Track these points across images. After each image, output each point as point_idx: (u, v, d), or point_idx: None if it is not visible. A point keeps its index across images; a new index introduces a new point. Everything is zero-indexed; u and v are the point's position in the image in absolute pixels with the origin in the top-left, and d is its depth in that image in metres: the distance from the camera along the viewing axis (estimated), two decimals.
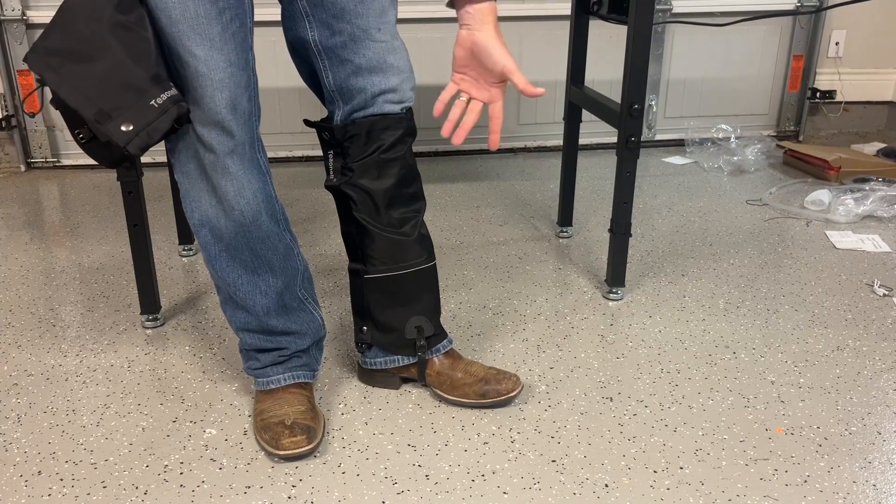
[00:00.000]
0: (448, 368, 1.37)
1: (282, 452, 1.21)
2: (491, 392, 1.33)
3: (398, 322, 1.34)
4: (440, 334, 1.38)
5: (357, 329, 1.39)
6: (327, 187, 1.29)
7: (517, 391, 1.34)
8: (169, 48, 1.07)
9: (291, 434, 1.21)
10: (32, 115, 2.73)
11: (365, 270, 1.32)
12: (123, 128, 1.03)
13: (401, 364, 1.38)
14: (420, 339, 1.35)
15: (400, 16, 2.70)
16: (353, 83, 1.21)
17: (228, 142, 1.11)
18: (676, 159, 2.87)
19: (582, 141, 2.93)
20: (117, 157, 1.16)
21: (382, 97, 1.22)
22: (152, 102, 1.03)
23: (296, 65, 1.28)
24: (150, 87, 1.04)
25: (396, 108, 1.24)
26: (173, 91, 1.05)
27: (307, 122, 1.30)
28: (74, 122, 1.11)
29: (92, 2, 1.04)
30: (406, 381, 1.42)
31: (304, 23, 1.19)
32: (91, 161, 2.77)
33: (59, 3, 1.06)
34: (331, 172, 1.29)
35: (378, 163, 1.25)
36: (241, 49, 1.10)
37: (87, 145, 1.13)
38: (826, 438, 1.27)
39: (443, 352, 1.38)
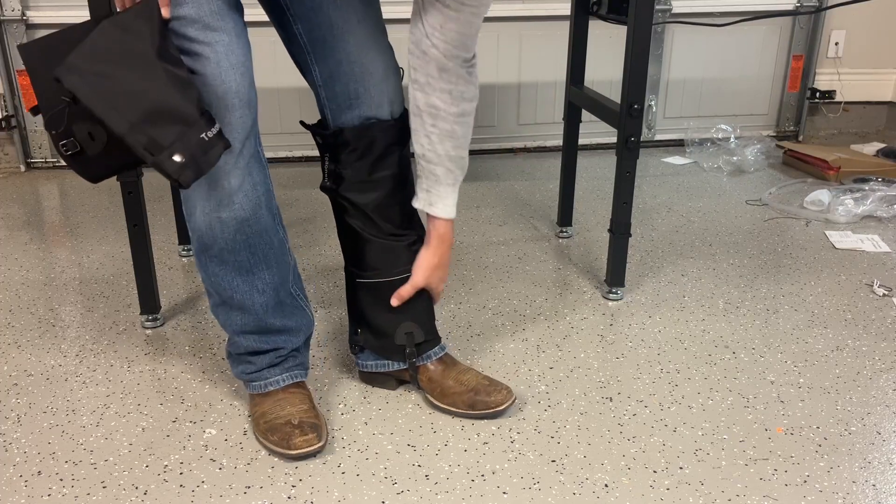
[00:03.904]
0: (439, 376, 1.34)
1: (294, 452, 1.20)
2: (479, 404, 1.31)
3: (389, 327, 1.33)
4: (432, 340, 1.36)
5: (352, 331, 1.39)
6: (322, 189, 1.29)
7: (507, 404, 1.31)
8: (174, 34, 1.06)
9: (302, 433, 1.21)
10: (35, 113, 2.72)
11: (358, 274, 1.32)
12: (176, 158, 1.01)
13: (392, 369, 1.37)
14: (409, 346, 1.34)
15: (397, 16, 2.69)
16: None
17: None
18: (676, 159, 2.87)
19: (582, 141, 2.93)
20: (100, 173, 1.12)
21: None
22: (202, 136, 1.02)
23: (297, 66, 1.28)
24: (199, 120, 1.02)
25: (386, 114, 1.24)
26: (219, 127, 1.05)
27: (303, 124, 1.30)
28: (59, 133, 1.08)
29: (130, 44, 1.01)
30: (403, 382, 1.42)
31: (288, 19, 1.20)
32: None
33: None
34: (326, 175, 1.29)
35: (370, 169, 1.25)
36: (242, 35, 1.10)
37: (72, 157, 1.09)
38: (826, 438, 1.27)
39: (434, 358, 1.36)
